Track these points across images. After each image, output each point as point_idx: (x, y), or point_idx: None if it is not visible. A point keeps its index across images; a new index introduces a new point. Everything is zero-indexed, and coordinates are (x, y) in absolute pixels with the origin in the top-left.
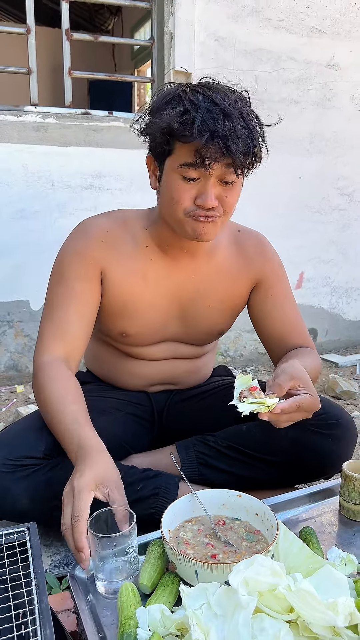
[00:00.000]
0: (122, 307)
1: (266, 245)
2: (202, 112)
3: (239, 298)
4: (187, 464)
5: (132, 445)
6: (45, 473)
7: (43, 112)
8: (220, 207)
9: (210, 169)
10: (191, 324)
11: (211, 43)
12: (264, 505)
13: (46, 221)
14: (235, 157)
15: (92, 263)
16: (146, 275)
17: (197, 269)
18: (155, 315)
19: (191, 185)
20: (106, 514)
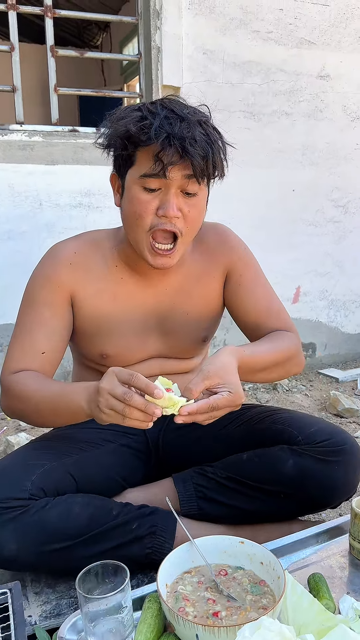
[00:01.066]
0: (96, 328)
1: (227, 235)
2: (160, 118)
3: (214, 297)
4: (186, 498)
5: (127, 479)
6: (32, 515)
7: (29, 130)
8: (182, 221)
9: (169, 175)
10: (172, 336)
11: (199, 56)
12: (269, 553)
13: (34, 241)
14: (194, 160)
15: (60, 287)
16: (117, 294)
17: (169, 280)
18: (132, 333)
19: (152, 196)
20: (96, 568)
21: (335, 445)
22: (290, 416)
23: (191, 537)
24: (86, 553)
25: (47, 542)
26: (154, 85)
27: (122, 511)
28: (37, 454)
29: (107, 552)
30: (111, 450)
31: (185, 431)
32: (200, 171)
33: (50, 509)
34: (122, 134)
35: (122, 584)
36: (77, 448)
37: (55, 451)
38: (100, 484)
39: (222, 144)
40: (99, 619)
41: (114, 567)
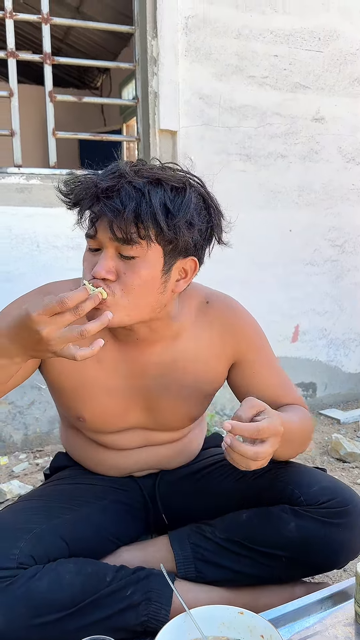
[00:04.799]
0: (73, 390)
1: (240, 318)
2: (98, 175)
3: (215, 380)
4: (182, 560)
5: (120, 537)
6: (20, 586)
7: (27, 173)
8: (117, 285)
9: (98, 235)
10: (159, 414)
11: (196, 101)
12: (270, 626)
13: (32, 284)
14: (108, 216)
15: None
16: (101, 358)
17: (159, 353)
18: (112, 403)
19: (94, 255)
20: None
21: (339, 505)
22: (291, 471)
23: (187, 608)
24: (78, 624)
25: (37, 615)
26: (151, 129)
27: (116, 576)
28: (26, 516)
29: (100, 622)
30: (103, 508)
31: (183, 484)
32: (118, 230)
33: (39, 579)
34: (59, 195)
35: None
36: (68, 507)
37: (44, 512)
38: (93, 545)
39: (195, 211)
40: None
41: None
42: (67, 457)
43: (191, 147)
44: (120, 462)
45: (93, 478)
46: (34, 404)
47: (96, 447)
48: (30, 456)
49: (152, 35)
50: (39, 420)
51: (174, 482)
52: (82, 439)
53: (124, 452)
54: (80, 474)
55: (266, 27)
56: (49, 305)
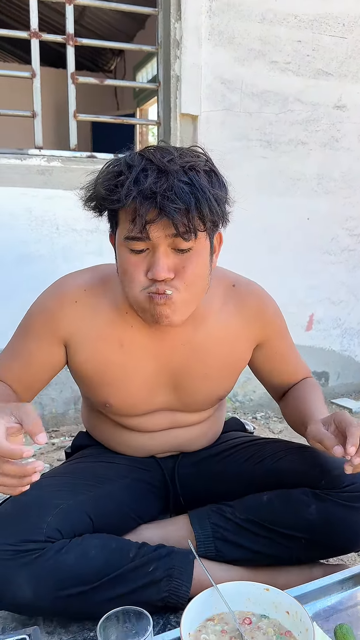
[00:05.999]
0: (98, 374)
1: (266, 304)
2: (136, 172)
3: (239, 360)
4: (202, 538)
5: (142, 515)
6: (48, 559)
7: (47, 155)
8: (178, 280)
9: (151, 235)
10: (186, 394)
11: (218, 86)
12: (297, 602)
13: (50, 266)
14: (174, 217)
15: (56, 325)
16: (124, 342)
17: (187, 336)
18: (139, 386)
19: (140, 257)
20: (117, 613)
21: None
22: (312, 455)
23: (214, 583)
24: (102, 597)
25: (63, 588)
26: (172, 113)
27: (139, 553)
28: (52, 492)
29: (123, 596)
30: (126, 486)
31: (202, 466)
32: (184, 227)
33: (66, 553)
34: (95, 198)
35: (144, 631)
36: (92, 484)
37: (70, 488)
38: (115, 522)
39: (219, 188)
40: None
41: (136, 612)
42: (88, 436)
43: (212, 132)
44: (145, 443)
45: (115, 457)
46: (50, 385)
47: (121, 430)
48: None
49: (176, 17)
50: (55, 400)
51: (194, 463)
52: (107, 422)
53: (148, 434)
54: (102, 452)
55: (290, 11)
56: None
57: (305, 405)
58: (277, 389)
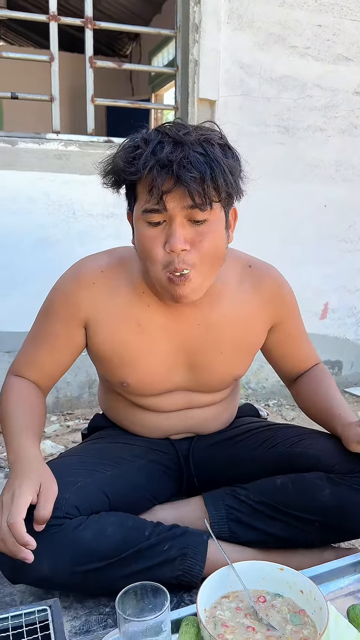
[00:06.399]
0: (116, 354)
1: (281, 284)
2: (153, 145)
3: (254, 341)
4: (216, 519)
5: (157, 496)
6: (66, 535)
7: (65, 140)
8: (194, 253)
9: (168, 207)
10: (202, 374)
11: (236, 71)
12: (310, 582)
13: (66, 251)
14: (190, 186)
15: (76, 307)
16: (141, 322)
17: (203, 315)
18: (156, 365)
19: (157, 230)
20: (135, 588)
21: None
22: (325, 441)
23: (229, 561)
24: (117, 574)
25: (80, 563)
26: (189, 98)
27: (154, 532)
28: (70, 470)
29: (138, 574)
30: (141, 467)
31: (216, 450)
32: (200, 197)
33: (84, 530)
34: (114, 171)
35: (161, 606)
36: (109, 464)
37: (87, 467)
38: (131, 501)
39: (233, 161)
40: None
41: (153, 588)
42: (105, 418)
43: (229, 117)
44: (161, 423)
45: (131, 438)
46: None
47: (137, 410)
48: (60, 418)
49: (195, 0)
50: (70, 384)
51: (208, 447)
52: (123, 402)
53: (165, 414)
54: (119, 434)
55: None
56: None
57: (321, 394)
58: (289, 374)
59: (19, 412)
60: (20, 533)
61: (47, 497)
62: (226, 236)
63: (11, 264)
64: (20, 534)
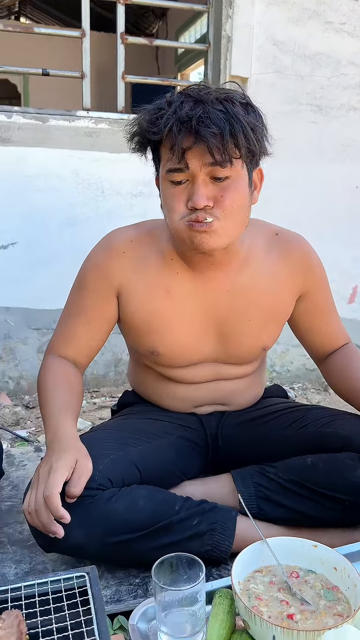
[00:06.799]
0: (146, 323)
1: (310, 253)
2: (175, 106)
3: (282, 310)
4: (245, 496)
5: (185, 472)
6: (99, 506)
7: (95, 117)
8: (217, 209)
9: (190, 164)
10: (231, 342)
11: (269, 47)
12: (344, 559)
13: (95, 229)
14: (209, 142)
15: (108, 277)
16: (170, 289)
17: (230, 281)
18: (186, 333)
19: (181, 189)
20: (171, 558)
21: None
22: (358, 422)
23: (263, 536)
24: (148, 546)
25: (112, 534)
26: (221, 75)
27: (184, 506)
28: (102, 443)
29: (168, 546)
30: (171, 442)
31: (245, 428)
32: (219, 153)
33: (116, 502)
34: (138, 132)
35: (196, 577)
36: (140, 439)
37: (119, 441)
38: (161, 476)
39: (255, 119)
40: (171, 609)
41: (188, 559)
42: (134, 394)
43: (261, 95)
44: (190, 395)
45: (162, 414)
46: None
47: (166, 382)
48: (87, 396)
49: None
50: (96, 362)
51: (238, 425)
52: (152, 375)
53: (193, 385)
54: (149, 410)
55: None
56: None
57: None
58: (318, 351)
59: (57, 392)
60: (55, 506)
61: (80, 475)
62: (249, 195)
63: (40, 242)
64: (55, 506)
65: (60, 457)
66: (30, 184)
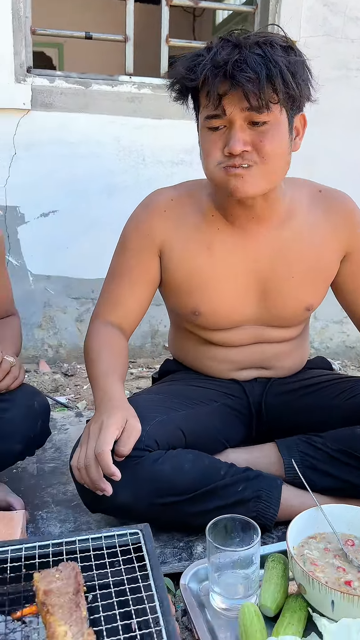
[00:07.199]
0: (187, 281)
1: (354, 211)
2: (213, 52)
3: (327, 266)
4: (291, 466)
5: (228, 439)
6: (146, 467)
7: (138, 82)
8: (255, 154)
9: (227, 109)
10: (273, 301)
11: (320, 8)
12: None
13: (135, 197)
14: (245, 87)
15: (150, 235)
16: (212, 246)
17: (273, 237)
18: (227, 290)
19: (218, 135)
20: (225, 520)
21: None
22: None
23: (318, 503)
24: (193, 510)
25: (159, 496)
26: None
27: (229, 472)
28: (148, 406)
29: (213, 511)
30: (215, 409)
31: (290, 397)
32: (255, 99)
33: (162, 464)
34: (177, 80)
35: (250, 540)
36: (184, 404)
37: (164, 405)
38: (204, 442)
39: (296, 63)
40: (224, 571)
41: (242, 522)
42: (175, 362)
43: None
44: (232, 358)
45: (205, 382)
46: None
47: (207, 345)
48: None
49: None
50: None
51: (283, 393)
52: (193, 340)
53: (235, 348)
54: (191, 377)
55: None
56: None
57: None
58: None
59: (103, 355)
60: (107, 462)
61: (130, 434)
62: (290, 141)
63: (80, 210)
64: (107, 463)
65: (110, 415)
66: (73, 150)
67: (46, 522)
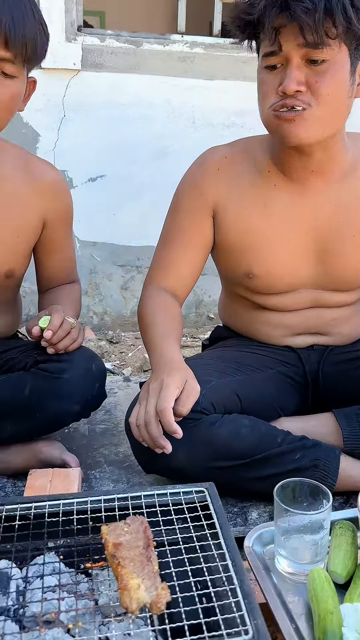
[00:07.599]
0: (241, 241)
1: None
2: None
3: None
4: (350, 435)
5: (282, 407)
6: (203, 430)
7: (190, 41)
8: (309, 95)
9: (283, 46)
10: (333, 264)
11: None
12: None
13: (184, 162)
14: (301, 19)
15: (203, 195)
16: (268, 203)
17: (333, 192)
18: (283, 251)
19: (274, 74)
20: (294, 483)
21: None
22: None
23: None
24: (250, 475)
25: (215, 459)
26: None
27: (285, 439)
28: (202, 370)
29: (269, 477)
30: (270, 376)
31: (349, 367)
32: (312, 33)
33: (219, 427)
34: (236, 15)
35: (321, 505)
36: (239, 370)
37: (217, 370)
38: (260, 409)
39: None
40: (290, 535)
41: (311, 486)
42: (226, 329)
43: None
44: (286, 321)
45: (258, 348)
46: None
47: (261, 310)
48: None
49: None
50: None
51: (341, 362)
52: (246, 305)
53: (290, 313)
54: (244, 344)
55: None
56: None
57: None
58: None
59: (158, 319)
60: (169, 420)
61: (189, 395)
62: (351, 85)
63: (128, 176)
64: (169, 420)
65: (170, 374)
66: (123, 112)
67: (99, 482)
